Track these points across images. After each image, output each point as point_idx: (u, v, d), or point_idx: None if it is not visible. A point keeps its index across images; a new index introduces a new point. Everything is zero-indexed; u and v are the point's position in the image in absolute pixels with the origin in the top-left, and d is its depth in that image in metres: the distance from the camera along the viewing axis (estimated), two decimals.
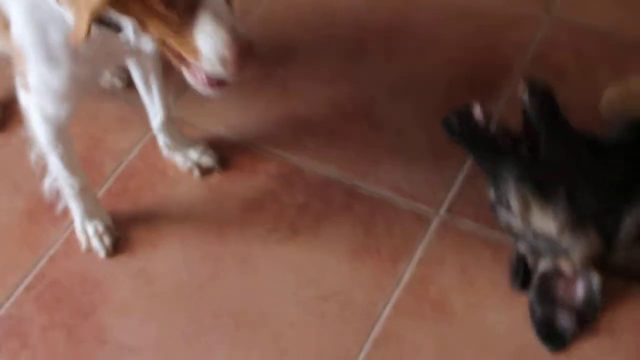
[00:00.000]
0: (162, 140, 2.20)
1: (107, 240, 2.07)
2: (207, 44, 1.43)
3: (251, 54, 1.46)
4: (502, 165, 1.82)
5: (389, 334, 1.88)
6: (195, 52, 1.45)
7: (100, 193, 2.19)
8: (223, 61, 1.44)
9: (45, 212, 2.16)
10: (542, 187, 1.78)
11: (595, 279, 1.79)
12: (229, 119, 2.33)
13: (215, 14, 1.42)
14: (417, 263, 1.99)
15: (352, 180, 2.16)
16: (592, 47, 2.47)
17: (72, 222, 2.12)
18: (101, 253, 2.06)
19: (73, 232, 2.11)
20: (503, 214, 1.85)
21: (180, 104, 2.33)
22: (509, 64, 2.42)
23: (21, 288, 2.04)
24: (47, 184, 2.03)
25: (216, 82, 1.55)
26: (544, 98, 1.82)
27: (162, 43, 1.52)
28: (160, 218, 2.14)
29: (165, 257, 2.06)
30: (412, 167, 2.17)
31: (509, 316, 1.88)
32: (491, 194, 1.87)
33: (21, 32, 1.63)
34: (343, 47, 2.49)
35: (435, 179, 2.14)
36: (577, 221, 1.78)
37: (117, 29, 1.54)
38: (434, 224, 2.06)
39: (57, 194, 2.06)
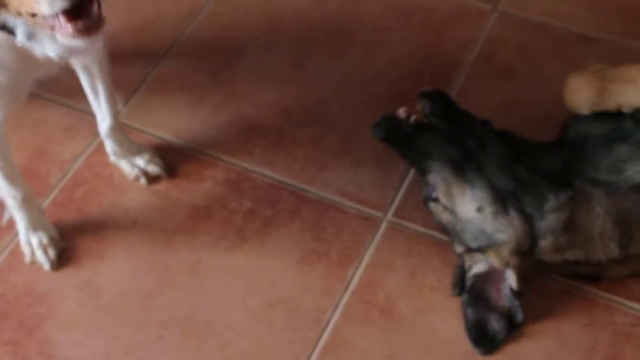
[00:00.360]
0: (109, 146, 2.18)
1: (51, 252, 2.04)
2: None
3: (94, 9, 1.39)
4: (425, 153, 1.88)
5: (338, 341, 1.88)
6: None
7: (46, 203, 2.16)
8: (66, 17, 1.37)
9: None
10: (457, 167, 1.83)
11: (510, 274, 1.80)
12: (175, 125, 2.30)
13: None
14: (365, 267, 1.99)
15: (301, 185, 2.15)
16: (539, 42, 2.48)
17: (16, 233, 2.08)
18: (45, 266, 2.03)
19: (18, 244, 2.08)
20: (434, 208, 1.87)
21: (127, 109, 2.31)
22: (456, 61, 2.42)
23: None
24: None
25: (84, 28, 1.40)
26: (436, 96, 1.95)
27: (18, 15, 1.44)
28: (106, 227, 2.11)
29: (111, 268, 2.04)
30: (359, 171, 2.17)
31: (458, 320, 1.89)
32: (423, 189, 1.89)
33: None
34: (290, 49, 2.47)
35: (383, 183, 2.14)
36: (495, 199, 1.79)
37: (11, 33, 1.49)
38: (382, 228, 2.06)
39: (1, 204, 2.03)
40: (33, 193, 2.05)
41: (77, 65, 1.99)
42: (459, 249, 1.88)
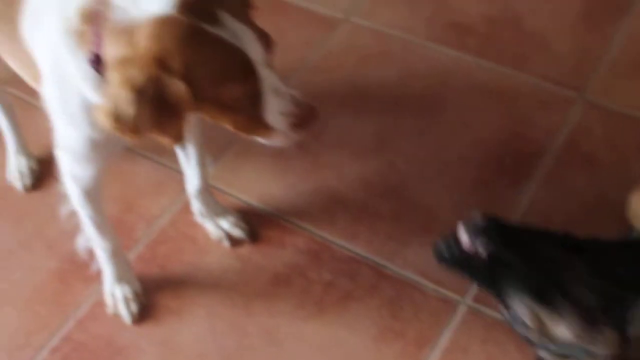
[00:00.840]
0: (196, 206, 2.24)
1: (134, 306, 2.09)
2: (278, 121, 1.51)
3: (315, 117, 1.57)
4: (501, 283, 1.71)
5: None
6: (268, 130, 1.53)
7: (130, 257, 2.21)
8: (294, 130, 1.54)
9: (76, 273, 2.19)
10: (541, 295, 1.71)
11: None
12: (260, 189, 2.36)
13: (276, 91, 1.50)
14: (441, 350, 2.00)
15: (381, 260, 2.18)
16: (625, 134, 2.48)
17: (102, 284, 2.14)
18: (127, 319, 2.08)
19: (102, 295, 2.13)
20: (520, 329, 1.83)
21: (214, 172, 2.36)
22: (540, 147, 2.44)
23: (46, 350, 2.06)
24: (80, 242, 2.07)
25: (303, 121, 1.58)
26: (490, 229, 1.68)
27: (237, 130, 1.58)
28: (187, 287, 2.16)
29: (191, 327, 2.08)
30: None
31: None
32: (503, 313, 1.82)
33: (47, 87, 1.67)
34: (376, 124, 2.52)
35: None
36: (587, 321, 1.77)
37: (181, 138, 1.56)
38: (460, 311, 2.07)
39: (90, 253, 2.09)
40: (121, 246, 2.10)
41: None
42: (544, 354, 1.87)
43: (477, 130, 2.50)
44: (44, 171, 2.43)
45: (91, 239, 2.03)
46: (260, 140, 1.59)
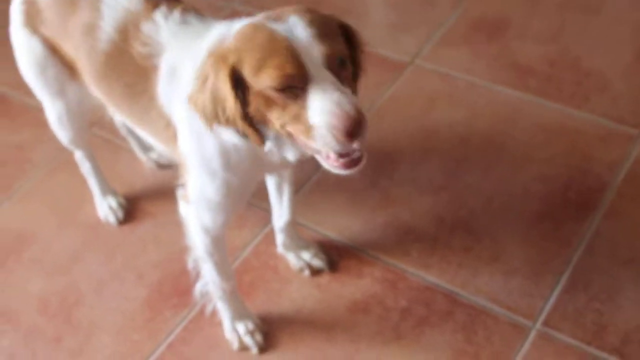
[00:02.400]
0: (280, 239, 2.38)
1: (258, 337, 2.20)
2: (318, 119, 1.48)
3: (361, 124, 1.48)
4: None
5: None
6: (309, 130, 1.50)
7: None
8: (334, 134, 1.47)
9: (165, 301, 2.34)
10: None
11: None
12: (336, 223, 2.49)
13: (324, 90, 1.48)
14: None
15: (454, 288, 2.29)
16: None
17: (190, 310, 2.29)
18: (253, 350, 2.19)
19: (191, 321, 2.28)
20: None
21: (295, 207, 2.50)
22: (603, 182, 2.54)
23: None
24: (198, 287, 2.16)
25: (348, 163, 1.56)
26: None
27: (288, 134, 1.58)
28: (272, 314, 2.29)
29: (276, 351, 2.21)
30: (509, 279, 2.30)
31: None
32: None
33: (184, 142, 1.81)
34: (443, 161, 2.65)
35: (533, 292, 2.26)
36: None
37: (262, 140, 1.62)
38: (531, 336, 2.17)
39: (206, 296, 2.19)
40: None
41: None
42: None
43: (541, 165, 2.61)
44: (130, 207, 2.60)
45: (211, 282, 2.12)
46: (318, 158, 1.59)
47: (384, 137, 2.74)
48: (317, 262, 2.36)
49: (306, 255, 2.37)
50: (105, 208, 2.58)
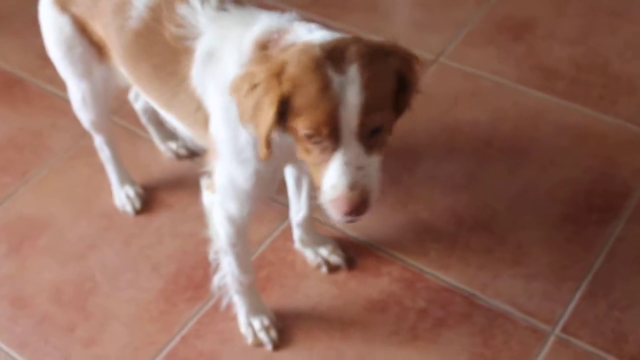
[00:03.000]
0: (297, 234, 2.36)
1: (273, 333, 2.18)
2: (327, 189, 1.52)
3: (362, 208, 1.52)
4: None
5: None
6: (320, 183, 1.55)
7: None
8: (335, 207, 1.52)
9: (180, 293, 2.32)
10: None
11: None
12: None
13: (343, 163, 1.49)
14: None
15: (473, 290, 2.25)
16: None
17: (204, 304, 2.26)
18: (268, 346, 2.17)
19: (205, 314, 2.26)
20: None
21: (313, 202, 2.47)
22: (627, 187, 2.50)
23: None
24: (216, 280, 2.14)
25: (349, 214, 1.56)
26: None
27: (305, 162, 1.62)
28: (287, 309, 2.26)
29: (289, 348, 2.18)
30: (530, 283, 2.26)
31: None
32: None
33: (217, 128, 1.78)
34: (466, 161, 2.61)
35: (553, 297, 2.22)
36: None
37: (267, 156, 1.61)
38: (550, 342, 2.13)
39: (222, 290, 2.17)
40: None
41: None
42: None
43: (565, 169, 2.57)
44: (147, 197, 2.57)
45: (229, 275, 2.09)
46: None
47: (406, 134, 2.71)
48: (335, 259, 2.33)
49: (324, 252, 2.34)
50: (123, 197, 2.56)
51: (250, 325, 2.18)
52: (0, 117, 2.94)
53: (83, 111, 2.33)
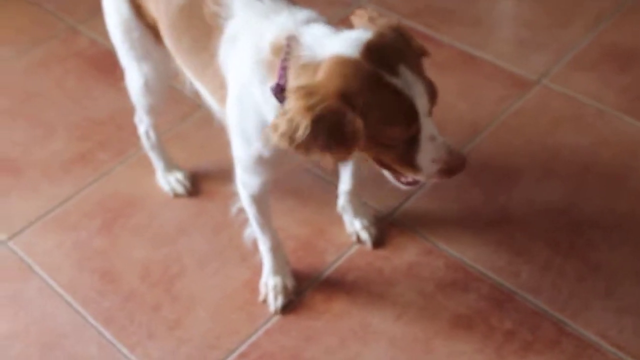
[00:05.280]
0: (340, 201, 2.43)
1: (280, 299, 2.26)
2: (429, 165, 1.67)
3: (463, 167, 1.68)
4: None
5: None
6: (416, 170, 1.69)
7: (320, 279, 2.33)
8: (442, 175, 1.68)
9: None
10: None
11: None
12: (447, 233, 2.44)
13: (433, 139, 1.65)
14: None
15: (563, 317, 2.21)
16: None
17: (291, 301, 2.27)
18: (271, 308, 2.25)
19: (291, 310, 2.26)
20: None
21: (405, 209, 2.47)
22: None
23: (236, 354, 2.19)
24: (246, 234, 2.28)
25: (413, 181, 1.77)
26: None
27: (377, 161, 1.75)
28: (373, 315, 2.25)
29: (372, 353, 2.17)
30: (623, 316, 2.21)
31: None
32: None
33: (231, 107, 1.88)
34: (564, 184, 2.57)
35: None
36: None
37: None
38: None
39: (255, 245, 2.29)
40: (281, 243, 2.27)
41: None
42: None
43: None
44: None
45: (255, 232, 2.23)
46: (393, 176, 1.78)
47: (504, 153, 2.68)
48: (364, 235, 2.41)
49: (357, 225, 2.41)
50: (172, 180, 2.60)
51: (266, 284, 2.28)
52: (104, 95, 3.00)
53: (143, 96, 2.38)
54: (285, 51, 1.67)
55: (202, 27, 1.90)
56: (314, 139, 1.58)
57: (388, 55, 1.60)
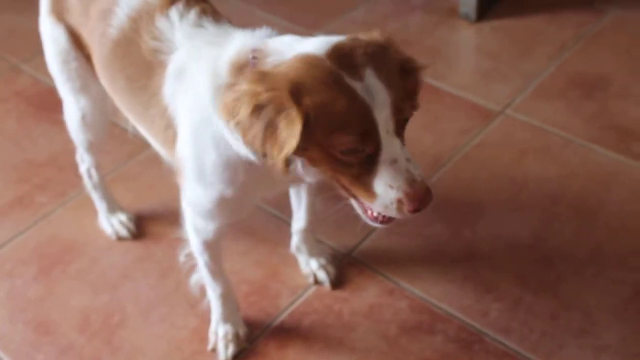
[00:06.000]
0: (294, 241, 2.27)
1: (231, 348, 2.09)
2: (385, 193, 1.45)
3: (427, 201, 1.46)
4: None
5: None
6: (371, 196, 1.47)
7: (273, 325, 2.16)
8: (399, 207, 1.46)
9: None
10: None
11: None
12: (410, 271, 2.29)
13: (395, 162, 1.44)
14: None
15: (535, 358, 2.05)
16: None
17: (243, 349, 2.09)
18: (220, 357, 2.08)
19: (243, 358, 2.08)
20: None
21: (365, 246, 2.32)
22: None
23: None
24: (193, 279, 2.08)
25: (384, 218, 1.53)
26: None
27: (335, 180, 1.52)
28: None
29: None
30: (600, 355, 2.06)
31: None
32: None
33: (183, 147, 1.69)
34: (531, 217, 2.43)
35: None
36: None
37: (287, 170, 1.51)
38: None
39: (202, 290, 2.10)
40: (232, 289, 2.10)
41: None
42: None
43: (638, 237, 2.37)
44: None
45: (204, 280, 2.05)
46: (354, 204, 1.56)
47: (468, 186, 2.54)
48: (321, 275, 2.26)
49: (314, 264, 2.26)
50: (116, 223, 2.43)
51: (215, 333, 2.11)
52: (45, 135, 2.83)
53: (81, 131, 2.22)
54: (252, 63, 1.51)
55: (140, 65, 1.75)
56: (251, 126, 1.43)
57: (356, 57, 1.43)
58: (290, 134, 1.40)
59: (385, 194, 1.45)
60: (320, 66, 1.42)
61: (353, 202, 1.56)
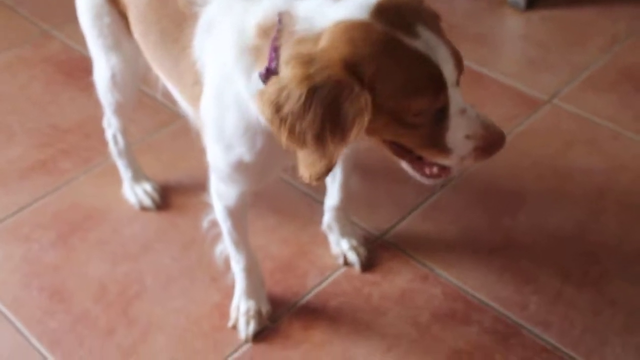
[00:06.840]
0: (326, 219, 2.16)
1: (252, 325, 1.98)
2: (463, 144, 1.40)
3: (503, 143, 1.41)
4: None
5: None
6: (443, 151, 1.41)
7: (298, 305, 2.04)
8: (477, 155, 1.41)
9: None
10: None
11: None
12: (447, 258, 2.17)
13: (464, 112, 1.38)
14: None
15: (576, 355, 1.92)
16: None
17: (265, 328, 1.98)
18: (241, 334, 1.97)
19: (263, 338, 1.98)
20: None
21: (396, 230, 2.20)
22: None
23: None
24: (218, 250, 2.01)
25: (438, 173, 1.48)
26: None
27: (387, 145, 1.45)
28: (357, 347, 1.96)
29: None
30: None
31: None
32: None
33: (206, 107, 1.60)
34: (576, 210, 2.30)
35: None
36: None
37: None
38: None
39: (227, 263, 2.00)
40: (257, 263, 1.99)
41: None
42: None
43: None
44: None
45: (228, 250, 1.96)
46: (405, 166, 1.48)
47: (511, 174, 2.41)
48: (352, 256, 2.14)
49: (345, 245, 2.14)
50: (140, 192, 2.34)
51: (237, 308, 2.00)
52: (72, 102, 2.76)
53: (110, 91, 2.12)
54: (277, 29, 1.40)
55: (174, 17, 1.66)
56: (305, 114, 1.30)
57: (404, 15, 1.34)
58: (358, 111, 1.30)
59: (462, 145, 1.39)
60: (372, 31, 1.32)
61: (404, 164, 1.49)
